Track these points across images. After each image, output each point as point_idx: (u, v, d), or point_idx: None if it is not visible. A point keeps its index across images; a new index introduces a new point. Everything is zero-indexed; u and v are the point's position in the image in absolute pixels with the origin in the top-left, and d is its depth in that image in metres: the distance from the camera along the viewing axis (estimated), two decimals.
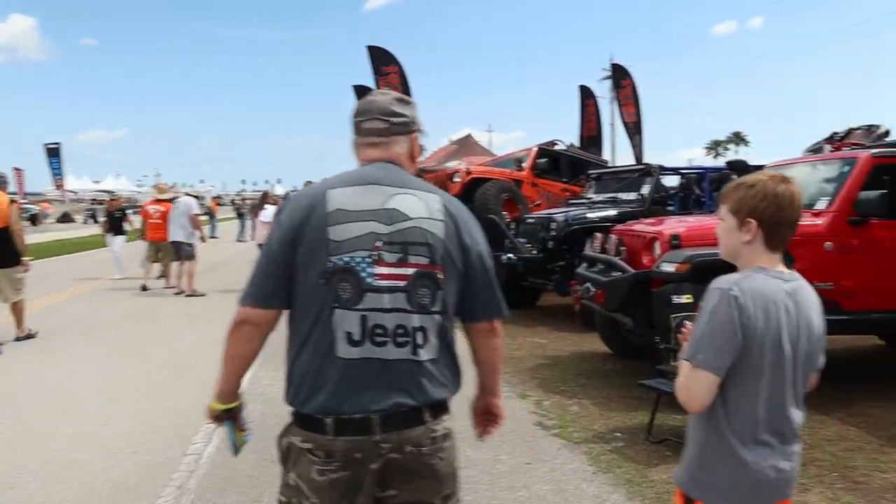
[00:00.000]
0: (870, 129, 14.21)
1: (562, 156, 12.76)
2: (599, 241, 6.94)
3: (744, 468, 1.91)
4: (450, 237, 1.99)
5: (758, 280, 1.94)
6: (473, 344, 2.22)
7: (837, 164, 6.49)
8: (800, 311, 1.96)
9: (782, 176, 2.03)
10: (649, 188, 9.76)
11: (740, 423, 1.91)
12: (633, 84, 17.74)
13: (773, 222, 1.98)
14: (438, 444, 1.99)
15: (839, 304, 6.08)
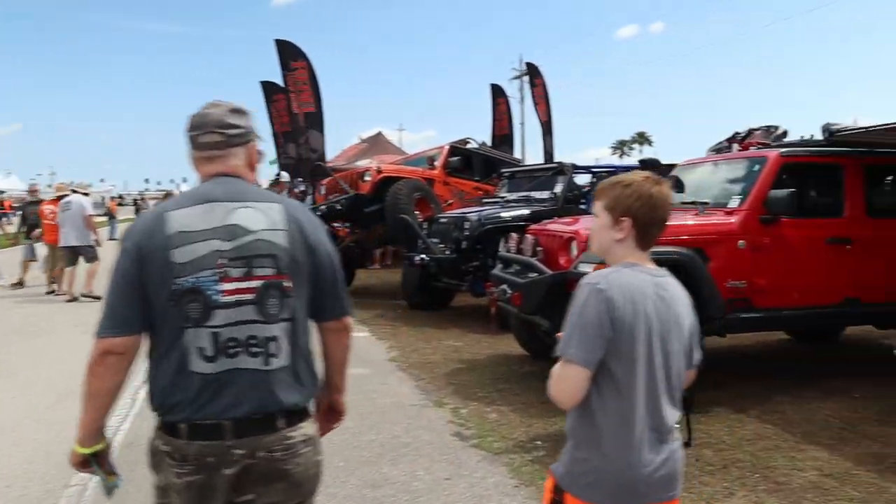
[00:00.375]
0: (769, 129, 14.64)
1: (474, 154, 12.58)
2: (515, 241, 6.74)
3: (617, 463, 1.91)
4: (294, 244, 2.03)
5: (626, 274, 1.96)
6: (326, 343, 2.26)
7: (748, 163, 6.51)
8: (668, 306, 1.98)
9: (656, 178, 2.05)
10: (562, 187, 9.68)
11: (615, 418, 1.91)
12: (545, 83, 17.78)
13: (646, 222, 2.01)
14: (294, 449, 2.04)
15: (752, 301, 6.09)
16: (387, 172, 11.13)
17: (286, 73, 16.04)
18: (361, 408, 5.75)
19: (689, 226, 6.02)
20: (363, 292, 12.41)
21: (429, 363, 7.17)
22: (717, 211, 6.24)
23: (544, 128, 17.88)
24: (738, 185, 6.41)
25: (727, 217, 6.08)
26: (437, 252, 9.23)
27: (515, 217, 9.24)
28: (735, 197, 6.24)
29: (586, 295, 1.92)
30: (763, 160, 6.27)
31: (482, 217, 9.14)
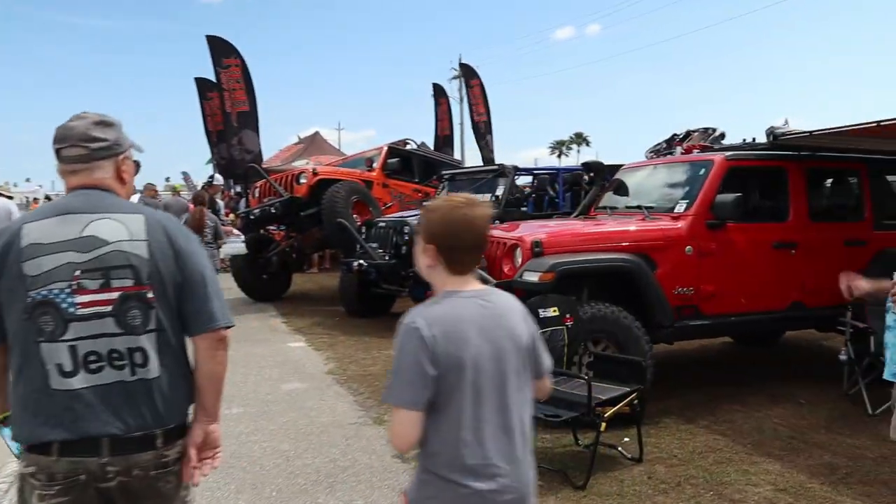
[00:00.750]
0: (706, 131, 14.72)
1: (413, 155, 12.25)
2: None
3: (459, 489, 1.86)
4: (157, 255, 2.01)
5: (444, 305, 1.93)
6: (198, 358, 2.15)
7: (693, 166, 6.36)
8: (498, 323, 1.95)
9: (467, 200, 2.01)
10: (504, 189, 9.45)
11: (451, 449, 1.88)
12: (482, 84, 17.57)
13: (449, 246, 1.95)
14: (169, 468, 2.03)
15: (700, 308, 5.94)
16: (323, 174, 10.71)
17: (219, 71, 15.44)
18: (298, 428, 5.39)
19: (634, 231, 5.83)
20: (300, 298, 11.96)
21: (368, 375, 6.82)
22: (663, 216, 6.07)
23: (483, 129, 17.66)
24: (683, 189, 6.26)
25: (673, 222, 5.91)
26: (377, 257, 8.88)
27: None
28: (681, 201, 6.08)
29: (403, 335, 1.88)
30: (709, 164, 6.13)
31: None
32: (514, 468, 1.94)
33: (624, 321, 5.43)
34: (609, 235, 5.76)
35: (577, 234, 5.75)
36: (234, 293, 11.83)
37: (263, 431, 5.33)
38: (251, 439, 5.17)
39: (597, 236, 5.74)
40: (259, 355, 7.73)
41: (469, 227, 1.95)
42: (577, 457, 4.78)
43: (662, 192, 6.53)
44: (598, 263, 5.51)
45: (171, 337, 2.06)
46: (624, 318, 5.44)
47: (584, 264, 5.45)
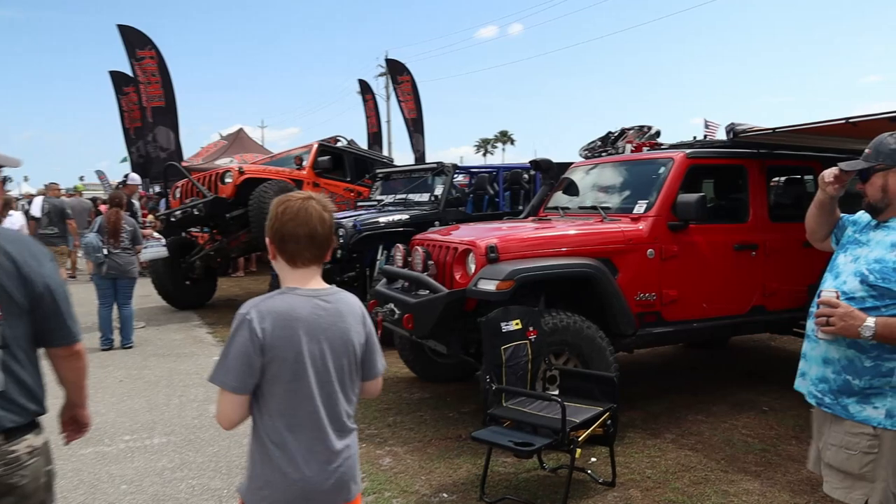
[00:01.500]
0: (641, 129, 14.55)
1: (345, 153, 11.58)
2: (402, 253, 5.88)
3: (282, 475, 1.97)
4: (4, 274, 2.03)
5: (278, 300, 2.01)
6: (57, 368, 2.31)
7: (652, 164, 5.98)
8: (332, 323, 2.04)
9: (307, 195, 2.08)
10: (443, 189, 8.94)
11: (276, 433, 1.98)
12: (413, 80, 16.97)
13: (280, 239, 2.03)
14: (19, 462, 2.07)
15: (662, 315, 5.57)
16: (250, 173, 9.94)
17: (133, 63, 14.36)
18: (230, 460, 4.73)
19: (594, 234, 5.40)
20: (227, 304, 11.15)
21: None
22: (622, 217, 5.67)
23: (413, 126, 17.08)
24: (642, 188, 5.87)
25: (634, 224, 5.52)
26: None
27: (394, 222, 8.42)
28: (640, 201, 5.69)
29: (237, 324, 1.96)
30: (668, 162, 5.76)
31: (358, 223, 8.22)
32: (341, 455, 2.06)
33: (588, 332, 5.00)
34: (569, 239, 5.31)
35: (534, 238, 5.27)
36: (155, 300, 10.93)
37: (191, 466, 4.66)
38: (176, 476, 4.49)
39: (556, 240, 5.28)
40: (183, 373, 6.98)
41: (304, 222, 2.00)
42: (544, 483, 4.32)
43: (619, 192, 6.14)
44: (561, 270, 5.05)
45: (16, 352, 2.08)
46: (588, 328, 5.01)
47: (545, 271, 4.99)
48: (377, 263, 8.40)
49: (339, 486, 2.05)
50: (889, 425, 2.45)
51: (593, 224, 5.60)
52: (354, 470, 2.12)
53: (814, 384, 2.67)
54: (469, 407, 5.75)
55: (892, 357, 2.46)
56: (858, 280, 2.53)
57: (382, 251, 8.46)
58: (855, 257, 2.63)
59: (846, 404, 2.54)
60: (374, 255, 8.46)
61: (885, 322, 2.41)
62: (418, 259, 5.46)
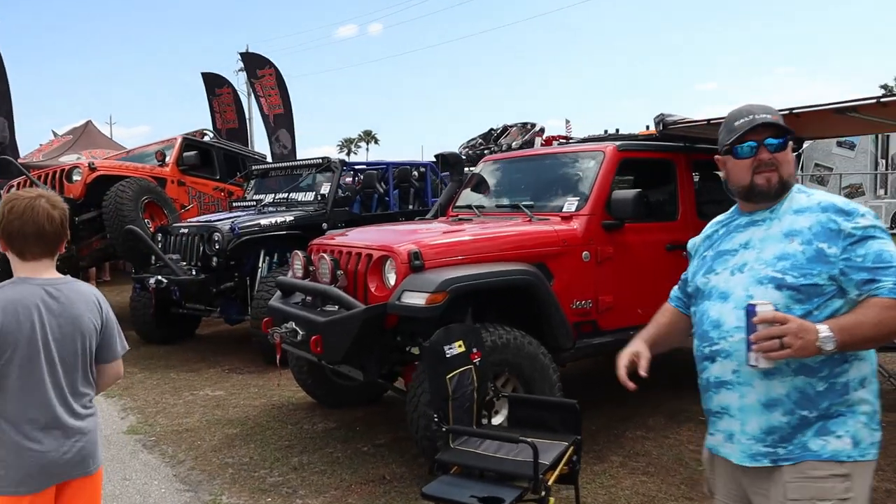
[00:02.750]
0: (525, 126, 14.16)
1: (213, 149, 10.28)
2: (302, 261, 4.89)
3: (18, 451, 2.07)
4: None
5: (9, 289, 2.11)
6: None
7: (579, 157, 5.35)
8: (64, 310, 2.16)
9: (38, 193, 2.18)
10: (331, 187, 7.97)
11: (11, 413, 2.08)
12: (279, 74, 15.66)
13: (8, 236, 2.13)
14: None
15: (598, 323, 4.95)
16: (104, 170, 8.48)
17: None
18: None
19: (526, 236, 4.69)
20: None
21: (186, 431, 5.07)
22: (551, 216, 5.01)
23: (275, 122, 15.78)
24: (569, 184, 5.24)
25: (566, 224, 4.86)
26: (180, 272, 7.02)
27: (277, 224, 7.36)
28: (570, 198, 5.05)
29: None
30: (599, 155, 5.15)
31: (236, 225, 7.10)
32: (69, 435, 2.16)
33: (529, 348, 4.28)
34: (499, 242, 4.56)
35: (462, 242, 4.48)
36: None
37: None
38: None
39: (485, 244, 4.52)
40: None
41: (31, 220, 2.11)
42: None
43: (541, 189, 5.47)
44: (499, 278, 4.29)
45: None
46: (529, 344, 4.29)
47: (481, 280, 4.21)
48: (258, 272, 7.33)
49: (78, 460, 2.18)
50: (858, 455, 1.86)
51: (522, 225, 4.88)
52: (95, 447, 2.25)
53: (757, 440, 1.93)
54: (383, 437, 4.89)
55: (842, 368, 1.87)
56: (773, 287, 1.89)
57: (265, 258, 7.40)
58: (736, 267, 2.02)
59: (804, 442, 1.88)
60: (254, 262, 7.37)
61: (839, 325, 1.78)
62: (325, 268, 4.51)
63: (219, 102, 15.56)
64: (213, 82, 15.98)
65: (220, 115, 16.17)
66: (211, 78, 16.15)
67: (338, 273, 4.43)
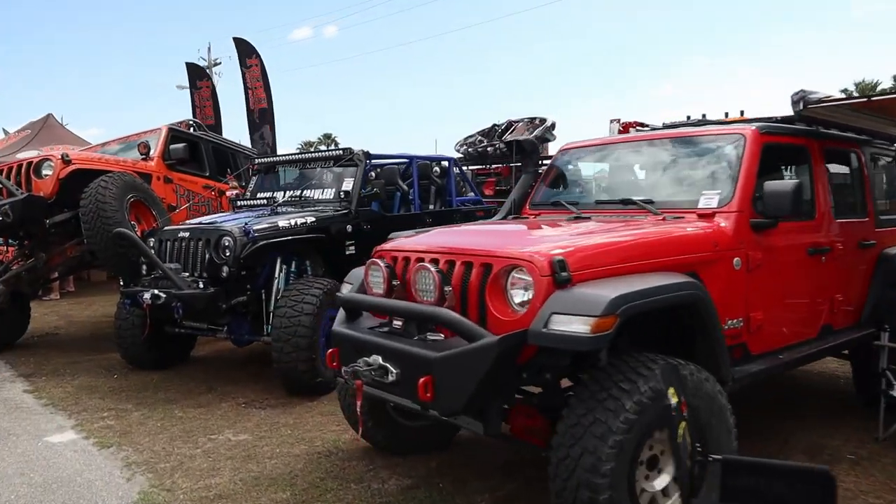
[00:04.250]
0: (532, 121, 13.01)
1: (202, 142, 8.86)
2: (384, 272, 3.61)
3: None
4: None
5: None
6: None
7: (708, 142, 4.24)
8: None
9: None
10: (354, 182, 6.71)
11: None
12: (263, 65, 14.26)
13: None
14: None
15: (748, 347, 3.85)
16: (80, 163, 7.02)
17: None
18: None
19: (675, 239, 3.56)
20: (47, 343, 8.03)
21: (220, 499, 3.74)
22: (685, 214, 3.89)
23: (259, 117, 14.38)
24: (701, 174, 4.13)
25: (710, 223, 3.74)
26: (183, 285, 5.66)
27: (297, 226, 6.08)
28: (708, 192, 3.93)
29: None
30: (738, 139, 4.05)
31: (250, 228, 5.78)
32: None
33: (707, 386, 3.14)
34: (649, 246, 3.41)
35: (610, 246, 3.31)
36: None
37: None
38: None
39: (635, 249, 3.36)
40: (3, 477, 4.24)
41: None
42: None
43: (658, 180, 4.35)
44: (671, 294, 3.14)
45: None
46: (706, 380, 3.15)
47: (654, 298, 3.05)
48: (275, 282, 6.03)
49: None
50: None
51: (663, 225, 3.74)
52: None
53: None
54: (483, 497, 3.68)
55: None
56: None
57: (282, 266, 6.10)
58: None
59: None
60: (269, 272, 6.07)
61: None
62: (428, 283, 3.27)
63: (199, 96, 14.05)
64: (196, 74, 14.46)
65: (199, 109, 14.68)
66: (194, 69, 14.64)
67: (446, 290, 3.20)
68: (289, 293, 5.67)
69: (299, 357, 5.43)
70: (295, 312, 5.51)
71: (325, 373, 5.67)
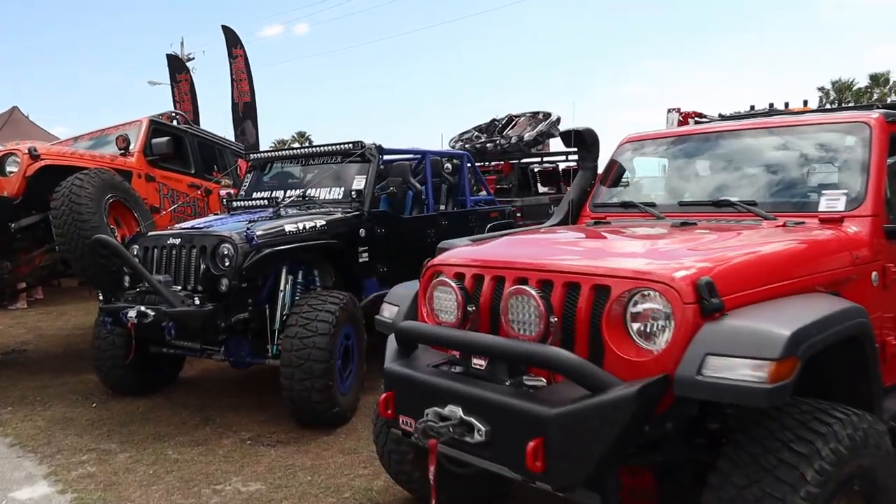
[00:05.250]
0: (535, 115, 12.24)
1: (186, 136, 7.95)
2: (458, 295, 2.79)
3: None
4: None
5: None
6: None
7: (822, 132, 3.53)
8: None
9: None
10: (367, 180, 5.91)
11: None
12: (247, 57, 13.29)
13: None
14: None
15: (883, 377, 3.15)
16: (51, 159, 6.08)
17: None
18: None
19: (816, 251, 2.84)
20: (12, 363, 7.08)
21: None
22: (804, 218, 3.18)
23: (244, 112, 13.45)
24: (815, 171, 3.43)
25: (837, 230, 3.04)
26: (176, 301, 4.80)
27: (307, 232, 5.25)
28: (831, 193, 3.22)
29: None
30: (861, 129, 3.35)
31: (253, 234, 4.94)
32: None
33: (885, 442, 2.42)
34: (796, 260, 2.69)
35: (760, 259, 2.57)
36: None
37: None
38: None
39: (782, 262, 2.63)
40: None
41: None
42: None
43: (759, 178, 3.62)
44: (845, 324, 2.43)
45: None
46: (883, 434, 2.43)
47: (831, 329, 2.32)
48: (280, 296, 5.20)
49: None
50: None
51: (798, 234, 3.01)
52: None
53: None
54: None
55: None
56: None
57: (287, 277, 5.27)
58: None
59: None
60: (272, 283, 5.24)
61: None
62: (527, 311, 2.49)
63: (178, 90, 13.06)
64: (176, 67, 13.45)
65: (179, 104, 13.71)
66: (175, 62, 13.65)
67: (551, 320, 2.42)
68: (300, 309, 4.85)
69: (314, 385, 4.62)
70: (308, 332, 4.70)
71: (341, 401, 4.89)
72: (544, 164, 12.96)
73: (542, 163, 12.89)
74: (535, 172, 12.95)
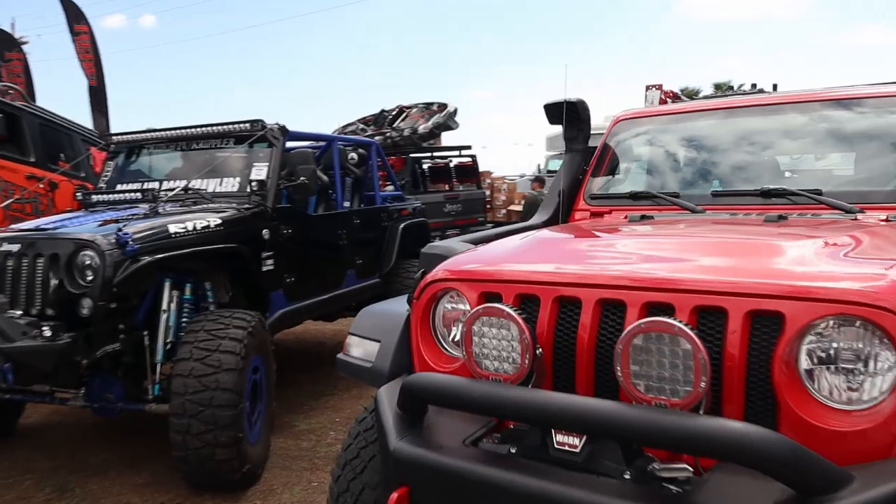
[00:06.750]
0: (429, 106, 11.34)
1: (24, 116, 6.27)
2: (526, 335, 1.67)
3: None
4: None
5: None
6: None
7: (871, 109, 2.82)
8: None
9: None
10: (269, 169, 4.72)
11: None
12: (93, 35, 11.33)
13: None
14: None
15: None
16: None
17: None
18: None
19: None
20: None
21: None
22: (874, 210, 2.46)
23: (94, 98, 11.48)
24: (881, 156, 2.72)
25: None
26: (15, 333, 3.40)
27: (199, 233, 4.00)
28: None
29: None
30: None
31: (126, 237, 3.63)
32: None
33: None
34: None
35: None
36: None
37: None
38: None
39: None
40: None
41: None
42: None
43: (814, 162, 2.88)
44: None
45: None
46: None
47: None
48: (163, 318, 3.90)
49: None
50: None
51: None
52: None
53: None
54: None
55: None
56: None
57: (172, 294, 3.97)
58: None
59: None
60: (151, 301, 3.95)
61: None
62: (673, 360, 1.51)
63: (7, 70, 10.84)
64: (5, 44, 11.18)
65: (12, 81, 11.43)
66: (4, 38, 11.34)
67: (703, 380, 1.46)
68: (194, 337, 3.60)
69: (218, 439, 3.41)
70: (208, 368, 3.48)
71: (251, 454, 3.70)
72: (435, 160, 12.06)
73: (434, 158, 11.99)
74: (424, 169, 12.03)
